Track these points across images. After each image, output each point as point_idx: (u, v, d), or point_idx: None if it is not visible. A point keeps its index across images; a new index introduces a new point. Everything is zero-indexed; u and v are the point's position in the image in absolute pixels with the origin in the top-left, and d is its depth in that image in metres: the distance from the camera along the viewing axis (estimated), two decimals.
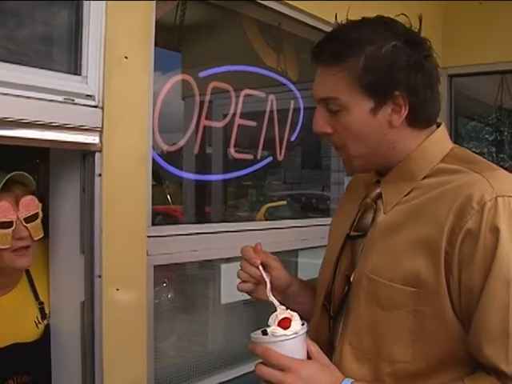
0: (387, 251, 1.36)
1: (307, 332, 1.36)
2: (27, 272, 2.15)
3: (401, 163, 1.41)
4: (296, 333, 1.32)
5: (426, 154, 1.40)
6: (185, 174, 2.76)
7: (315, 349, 1.36)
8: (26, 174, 2.03)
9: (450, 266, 1.25)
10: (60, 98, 1.86)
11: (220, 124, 2.84)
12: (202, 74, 2.65)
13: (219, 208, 3.24)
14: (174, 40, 2.71)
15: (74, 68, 1.97)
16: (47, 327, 2.14)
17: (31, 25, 1.95)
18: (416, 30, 1.41)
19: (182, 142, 2.58)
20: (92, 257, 2.00)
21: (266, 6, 2.81)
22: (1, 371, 2.02)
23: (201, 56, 2.88)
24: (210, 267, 2.77)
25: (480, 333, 1.24)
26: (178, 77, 2.57)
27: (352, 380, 1.32)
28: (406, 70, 1.33)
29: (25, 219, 1.97)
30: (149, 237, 2.17)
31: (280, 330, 1.32)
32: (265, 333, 1.36)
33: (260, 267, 1.52)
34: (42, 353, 2.12)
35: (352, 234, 1.49)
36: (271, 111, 3.05)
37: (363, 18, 1.41)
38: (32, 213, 2.00)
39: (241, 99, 2.84)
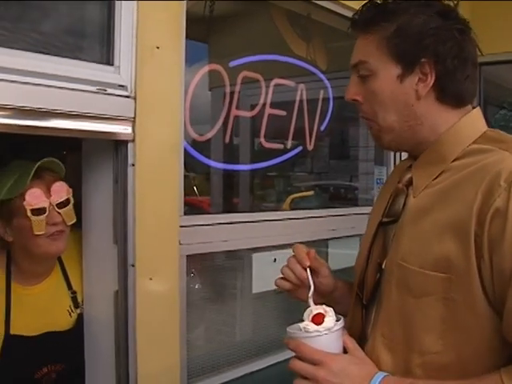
0: (416, 236, 1.33)
1: (343, 327, 1.35)
2: (60, 261, 2.18)
3: (432, 146, 1.39)
4: (329, 329, 1.32)
5: (458, 136, 1.38)
6: (215, 164, 2.75)
7: (351, 343, 1.36)
8: (55, 160, 2.05)
9: (481, 248, 1.21)
10: (93, 89, 1.87)
11: (250, 114, 2.84)
12: (232, 64, 2.65)
13: (247, 198, 3.24)
14: (203, 30, 2.70)
15: (107, 58, 1.98)
16: (80, 316, 2.16)
17: (65, 16, 1.96)
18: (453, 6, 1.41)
19: (212, 132, 2.58)
20: (125, 246, 2.01)
21: None
22: (35, 359, 2.05)
23: (230, 46, 2.88)
24: (239, 257, 2.77)
25: None
26: (209, 67, 2.57)
27: (385, 374, 1.30)
28: (434, 37, 1.33)
29: (57, 205, 2.00)
30: (181, 226, 2.18)
31: (313, 326, 1.32)
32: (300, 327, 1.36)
33: (308, 270, 1.49)
34: (75, 342, 2.14)
35: (384, 220, 1.47)
36: (301, 101, 3.04)
37: None
38: (63, 198, 2.02)
39: (271, 89, 2.83)
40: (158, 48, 2.04)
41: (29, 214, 1.94)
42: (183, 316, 2.23)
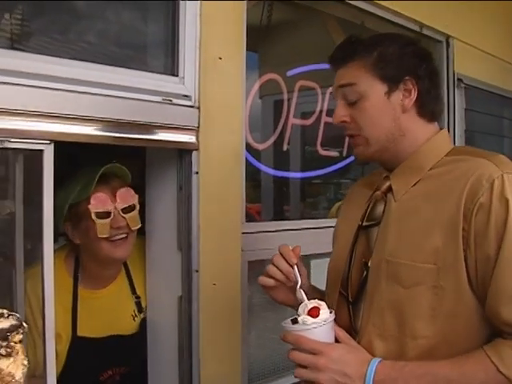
0: (404, 234, 1.46)
1: (335, 319, 1.46)
2: (125, 266, 2.22)
3: (410, 157, 1.54)
4: (325, 320, 1.42)
5: (434, 148, 1.54)
6: (274, 172, 2.78)
7: (343, 334, 1.48)
8: (121, 166, 2.10)
9: (468, 241, 1.36)
10: (159, 99, 1.93)
11: (307, 122, 2.86)
12: (290, 73, 2.68)
13: (297, 205, 3.26)
14: (260, 40, 2.74)
15: (172, 69, 2.03)
16: (143, 321, 2.20)
17: (131, 28, 2.02)
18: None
19: (272, 140, 2.62)
20: (189, 253, 2.06)
21: (349, 4, 2.83)
22: (100, 361, 2.10)
23: (286, 55, 2.91)
24: None
25: (497, 297, 1.34)
26: (267, 76, 2.61)
27: (380, 359, 1.42)
28: (411, 60, 1.51)
29: (122, 209, 2.04)
30: (243, 233, 2.22)
31: (310, 319, 1.42)
32: (294, 321, 1.46)
33: (295, 267, 1.59)
34: (138, 346, 2.18)
35: (365, 223, 1.59)
36: None
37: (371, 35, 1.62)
38: (129, 204, 2.06)
39: (327, 96, 2.86)
40: (220, 58, 2.09)
41: (93, 216, 1.99)
42: (245, 321, 2.26)
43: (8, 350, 0.88)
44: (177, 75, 2.02)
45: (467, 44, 3.58)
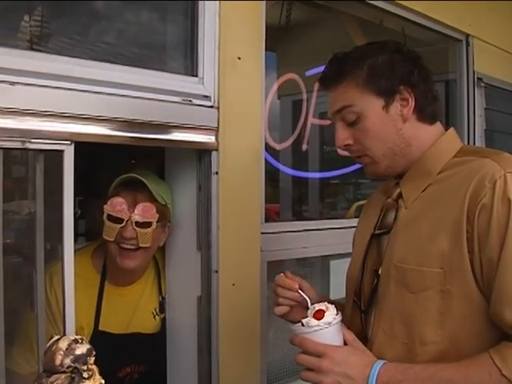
0: (411, 239, 1.46)
1: (342, 321, 1.46)
2: (156, 265, 2.23)
3: (417, 162, 1.53)
4: (329, 323, 1.42)
5: (439, 152, 1.53)
6: (293, 172, 2.78)
7: (350, 336, 1.47)
8: (153, 188, 2.05)
9: (472, 243, 1.35)
10: (179, 99, 1.93)
11: (327, 122, 2.84)
12: (308, 73, 2.68)
13: (317, 205, 3.25)
14: (279, 40, 2.74)
15: (191, 69, 2.04)
16: (163, 320, 2.21)
17: (150, 29, 2.03)
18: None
19: (291, 140, 2.62)
20: (209, 253, 2.06)
21: (368, 4, 2.82)
22: (120, 357, 2.11)
23: (305, 55, 2.91)
24: (311, 264, 2.79)
25: (500, 298, 1.32)
26: (286, 76, 2.61)
27: (384, 361, 1.41)
28: (402, 68, 1.50)
29: (136, 222, 2.00)
30: (262, 233, 2.22)
31: (314, 321, 1.43)
32: (303, 324, 1.46)
33: (299, 290, 1.60)
34: (158, 345, 2.19)
35: (376, 232, 1.59)
36: None
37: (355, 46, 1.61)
38: (145, 220, 2.01)
39: None
40: (239, 59, 2.10)
41: (105, 217, 2.00)
42: (264, 321, 2.26)
43: (89, 372, 0.98)
44: (196, 76, 2.03)
45: (487, 43, 3.56)
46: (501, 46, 3.67)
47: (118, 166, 2.07)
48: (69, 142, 1.64)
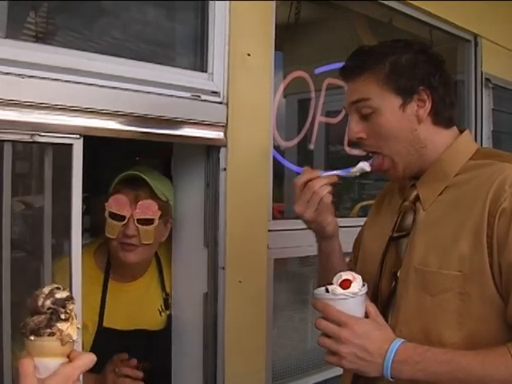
0: (432, 243, 1.46)
1: (367, 293, 1.46)
2: (158, 261, 2.23)
3: (433, 165, 1.54)
4: (354, 293, 1.42)
5: (456, 154, 1.53)
6: (299, 170, 2.76)
7: (373, 309, 1.47)
8: (157, 184, 2.06)
9: (491, 246, 1.36)
10: (188, 95, 1.93)
11: (335, 120, 2.84)
12: (318, 71, 2.67)
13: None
14: (287, 38, 2.73)
15: (200, 65, 2.04)
16: (169, 317, 2.21)
17: (160, 25, 2.03)
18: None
19: (299, 138, 2.61)
20: (216, 249, 2.06)
21: (377, 2, 2.82)
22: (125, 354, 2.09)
23: (314, 53, 2.90)
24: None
25: None
26: (295, 73, 2.60)
27: (403, 340, 1.41)
28: (424, 69, 1.50)
29: (138, 219, 2.00)
30: (269, 231, 2.21)
31: (340, 290, 1.42)
32: (328, 291, 1.46)
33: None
34: (163, 341, 2.19)
35: (395, 235, 1.58)
36: None
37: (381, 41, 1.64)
38: (147, 217, 2.01)
39: None
40: (248, 55, 2.10)
41: (106, 214, 2.00)
42: (270, 318, 2.26)
43: (67, 314, 1.03)
44: (205, 71, 2.03)
45: (495, 44, 3.55)
46: (509, 46, 3.67)
47: (123, 162, 2.06)
48: (78, 136, 1.63)
